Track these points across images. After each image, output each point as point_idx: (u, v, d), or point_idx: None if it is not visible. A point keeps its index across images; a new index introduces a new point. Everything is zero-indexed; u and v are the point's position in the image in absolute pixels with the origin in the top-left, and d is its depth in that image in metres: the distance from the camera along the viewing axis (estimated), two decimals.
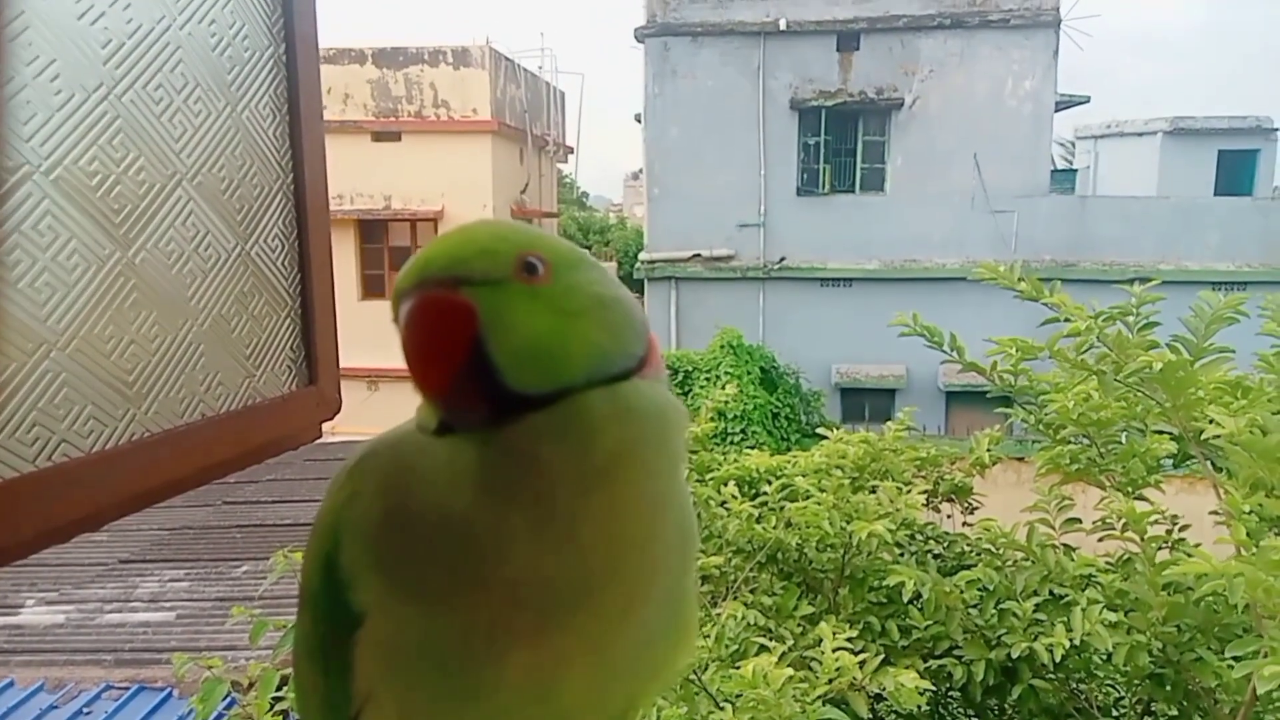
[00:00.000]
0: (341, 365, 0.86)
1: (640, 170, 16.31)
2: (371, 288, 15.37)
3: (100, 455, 0.60)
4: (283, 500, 7.45)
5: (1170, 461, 2.88)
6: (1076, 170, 18.90)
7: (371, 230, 15.47)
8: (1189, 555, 2.67)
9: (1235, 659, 2.14)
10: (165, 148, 0.65)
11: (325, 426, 0.85)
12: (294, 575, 2.73)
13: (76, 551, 6.51)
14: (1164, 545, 2.74)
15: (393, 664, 0.47)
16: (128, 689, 4.49)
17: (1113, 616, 2.43)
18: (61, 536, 0.61)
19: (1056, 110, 14.31)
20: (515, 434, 0.43)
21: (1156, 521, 2.75)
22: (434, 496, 0.45)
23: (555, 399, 0.43)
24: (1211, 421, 2.29)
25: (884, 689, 2.37)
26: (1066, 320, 2.62)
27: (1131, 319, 2.61)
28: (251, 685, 2.73)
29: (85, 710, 4.34)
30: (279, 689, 2.62)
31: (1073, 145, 20.81)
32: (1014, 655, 2.56)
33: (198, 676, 3.02)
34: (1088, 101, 16.14)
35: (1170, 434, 2.72)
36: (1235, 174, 15.24)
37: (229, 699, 2.94)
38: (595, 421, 0.43)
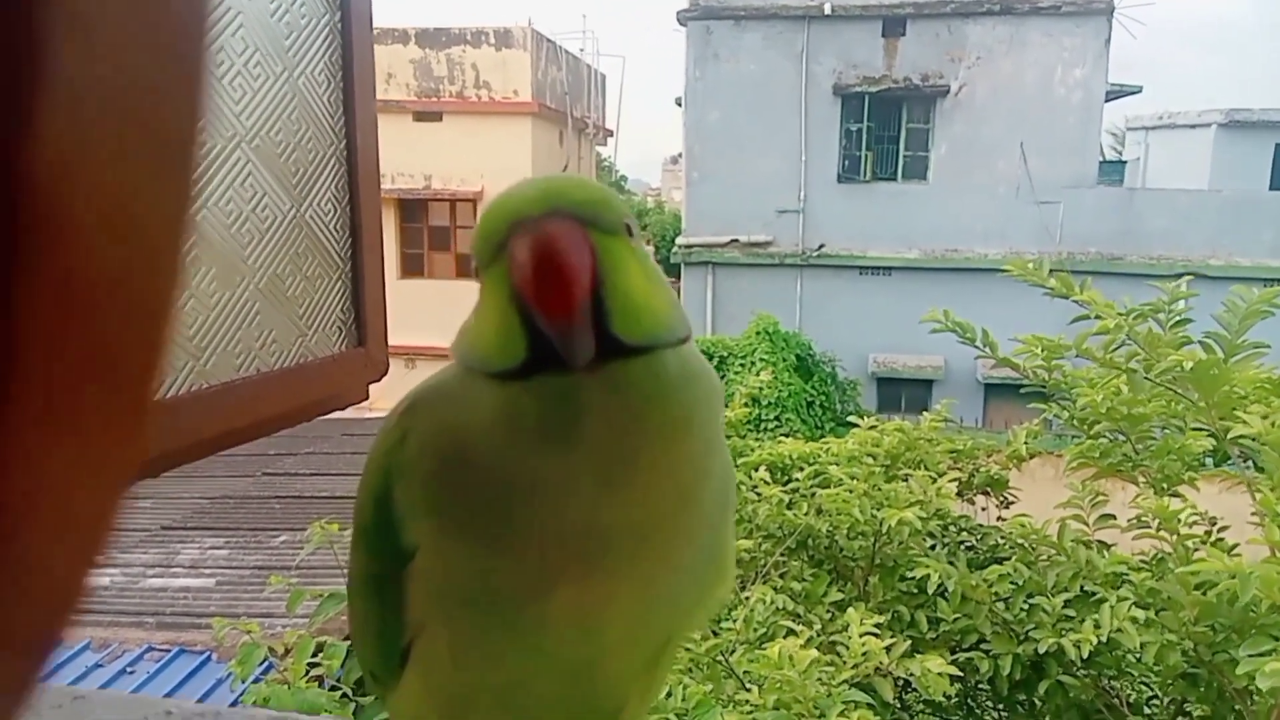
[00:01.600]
0: (388, 347, 0.88)
1: (679, 154, 16.25)
2: (411, 267, 15.53)
3: (162, 403, 0.62)
4: (320, 473, 7.58)
5: (1211, 460, 2.83)
6: (1126, 162, 18.49)
7: (412, 210, 15.60)
8: (1228, 554, 2.63)
9: (1248, 656, 2.12)
10: (226, 110, 0.67)
11: (364, 404, 0.87)
12: (330, 546, 2.80)
13: (120, 517, 6.69)
14: (1202, 544, 2.70)
15: (443, 598, 0.49)
16: (169, 651, 4.61)
17: (1141, 614, 2.40)
18: None
19: (1107, 100, 14.00)
20: (590, 383, 0.44)
21: (1195, 521, 2.71)
22: (491, 440, 0.45)
23: (625, 355, 0.44)
24: (1241, 422, 2.25)
25: (911, 675, 2.36)
26: (1097, 318, 2.59)
27: (1163, 316, 2.57)
28: (288, 651, 2.79)
29: (128, 670, 4.47)
30: (315, 655, 2.68)
31: (1123, 136, 20.37)
32: (1041, 651, 2.55)
33: (236, 641, 3.10)
34: (1139, 92, 15.77)
35: (1209, 431, 2.68)
36: None
37: (266, 663, 3.02)
38: (671, 379, 0.46)
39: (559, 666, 0.49)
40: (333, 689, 2.63)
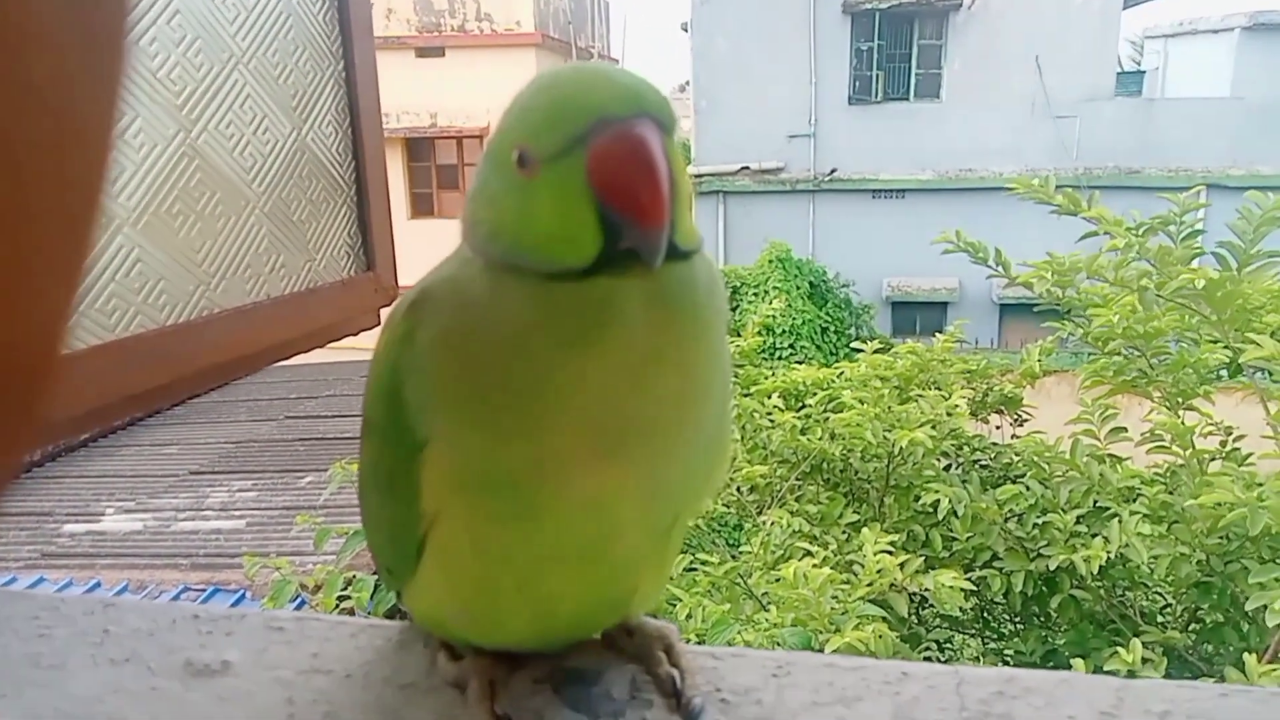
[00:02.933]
0: (398, 272, 0.88)
1: (687, 82, 15.92)
2: (420, 207, 15.43)
3: (174, 328, 0.63)
4: (341, 415, 7.68)
5: (1225, 372, 2.82)
6: (1145, 72, 17.95)
7: (419, 149, 15.44)
8: (1241, 465, 2.64)
9: (1258, 586, 2.14)
10: (220, 30, 0.66)
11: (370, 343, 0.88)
12: (352, 486, 2.85)
13: (149, 464, 6.83)
14: (1217, 456, 2.71)
15: (460, 486, 0.50)
16: (204, 589, 4.75)
17: (1148, 529, 2.42)
18: (143, 404, 0.65)
19: (1125, 8, 13.55)
20: (637, 285, 0.44)
21: (1211, 433, 2.71)
22: (519, 337, 0.45)
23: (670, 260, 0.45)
24: (1252, 343, 2.23)
25: (925, 590, 2.41)
26: (1107, 234, 2.55)
27: (1174, 229, 2.52)
28: (319, 587, 2.88)
29: None
30: (344, 589, 2.76)
31: (1141, 45, 19.75)
32: (1053, 567, 2.58)
33: (267, 579, 3.19)
34: None
35: (1225, 343, 2.66)
36: None
37: (298, 599, 3.11)
38: (702, 283, 0.47)
39: (575, 548, 0.51)
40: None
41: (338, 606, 2.76)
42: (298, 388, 8.41)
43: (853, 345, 4.30)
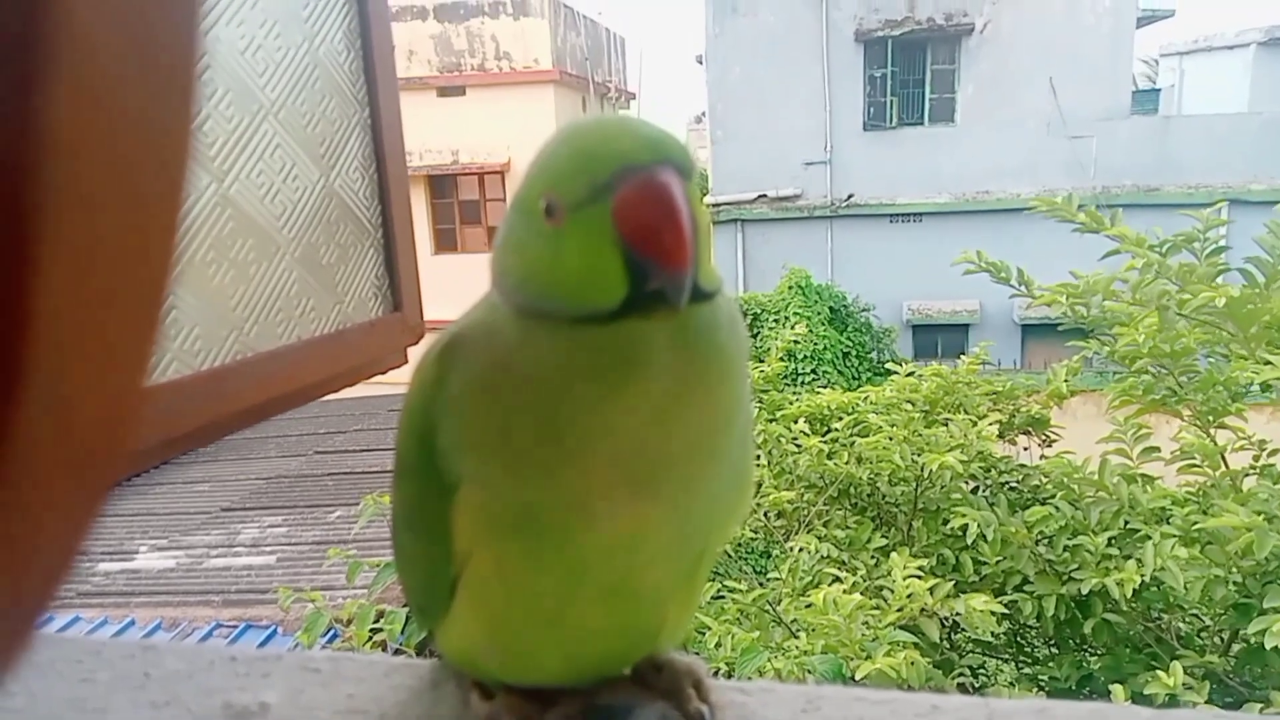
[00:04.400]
0: (424, 311, 0.90)
1: (703, 113, 16.07)
2: (444, 242, 15.61)
3: (209, 373, 0.65)
4: (370, 449, 7.73)
5: (1257, 387, 2.78)
6: (1160, 90, 17.90)
7: (441, 185, 15.65)
8: (1275, 484, 2.59)
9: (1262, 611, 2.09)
10: (250, 83, 0.69)
11: (407, 375, 0.90)
12: (384, 519, 2.87)
13: (181, 501, 6.91)
14: (1250, 472, 2.66)
15: (491, 526, 0.51)
16: (236, 627, 4.78)
17: (1184, 552, 2.38)
18: (179, 448, 0.66)
19: (1138, 26, 13.55)
20: (663, 327, 0.46)
21: (1243, 448, 2.67)
22: (550, 380, 0.47)
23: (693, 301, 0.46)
24: (1269, 364, 2.20)
25: (956, 615, 2.38)
26: (1129, 252, 2.53)
27: (1198, 245, 2.51)
28: (350, 620, 2.89)
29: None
30: (376, 622, 2.77)
31: (1156, 63, 19.70)
32: (1085, 591, 2.54)
33: (300, 615, 3.21)
34: (1172, 16, 15.24)
35: (1253, 358, 2.62)
36: None
37: (330, 632, 3.12)
38: (724, 323, 0.49)
39: (606, 584, 0.52)
40: (396, 653, 2.72)
41: (370, 639, 2.77)
42: (326, 423, 8.49)
43: (887, 366, 4.28)
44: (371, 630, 2.79)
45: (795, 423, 3.48)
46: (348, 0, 0.80)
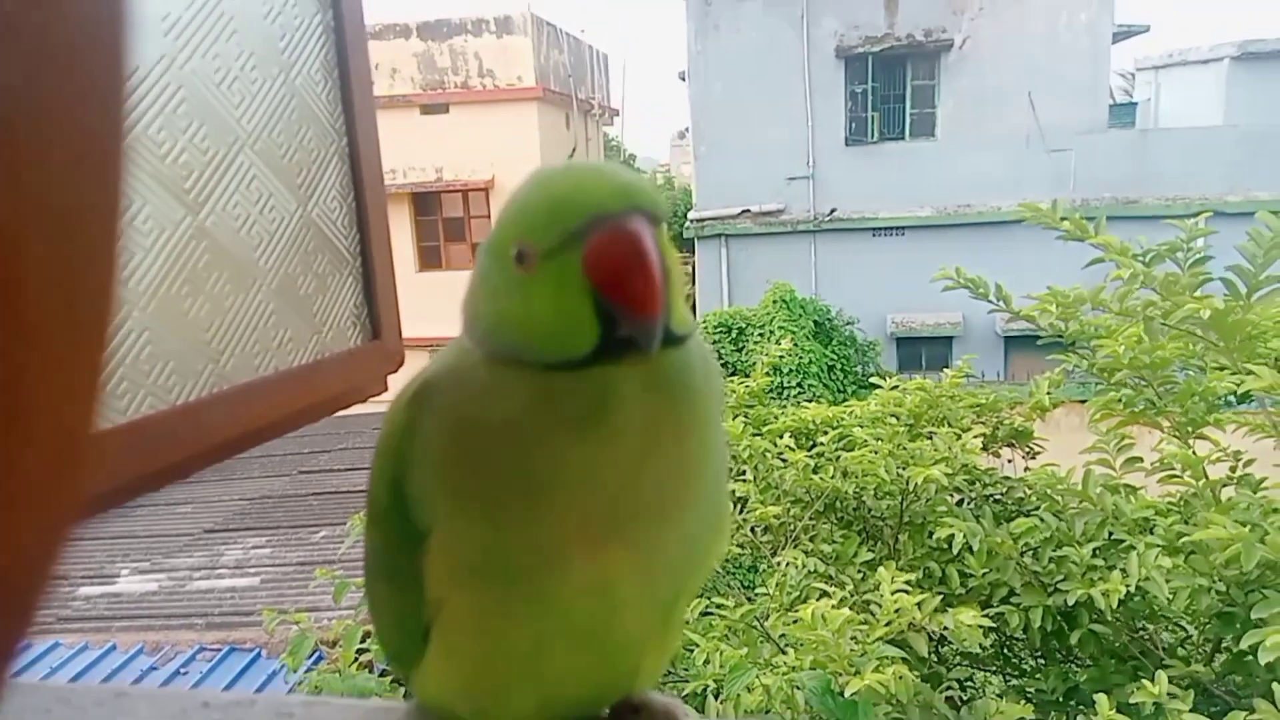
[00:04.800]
0: (403, 338, 0.89)
1: (686, 129, 16.15)
2: (428, 260, 15.59)
3: (184, 407, 0.64)
4: (354, 468, 7.70)
5: (1234, 398, 2.80)
6: (1137, 103, 18.14)
7: (425, 203, 15.65)
8: (1254, 493, 2.61)
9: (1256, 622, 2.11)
10: (225, 115, 0.69)
11: (389, 398, 0.89)
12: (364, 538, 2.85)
13: (163, 523, 6.84)
14: (1229, 482, 2.69)
15: (464, 574, 0.51)
16: (220, 650, 4.73)
17: (1168, 562, 2.39)
18: (155, 484, 0.66)
19: (1114, 41, 13.73)
20: (634, 373, 0.46)
21: (1219, 459, 2.69)
22: (521, 426, 0.47)
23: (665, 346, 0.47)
24: (1250, 374, 2.22)
25: (944, 629, 2.38)
26: (1113, 261, 2.55)
27: (1181, 255, 2.53)
28: (336, 642, 2.86)
29: (182, 670, 4.59)
30: (362, 642, 2.75)
31: (1132, 77, 19.97)
32: (1071, 602, 2.55)
33: (285, 637, 3.17)
34: (1147, 30, 15.46)
35: (1233, 369, 2.65)
36: None
37: (316, 654, 3.08)
38: (697, 367, 0.49)
39: (580, 630, 0.51)
40: (382, 674, 2.70)
41: (356, 660, 2.74)
42: (310, 442, 8.44)
43: (871, 380, 4.30)
44: (358, 651, 2.77)
45: (781, 437, 3.49)
46: (325, 29, 0.80)
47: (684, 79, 14.33)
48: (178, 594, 5.59)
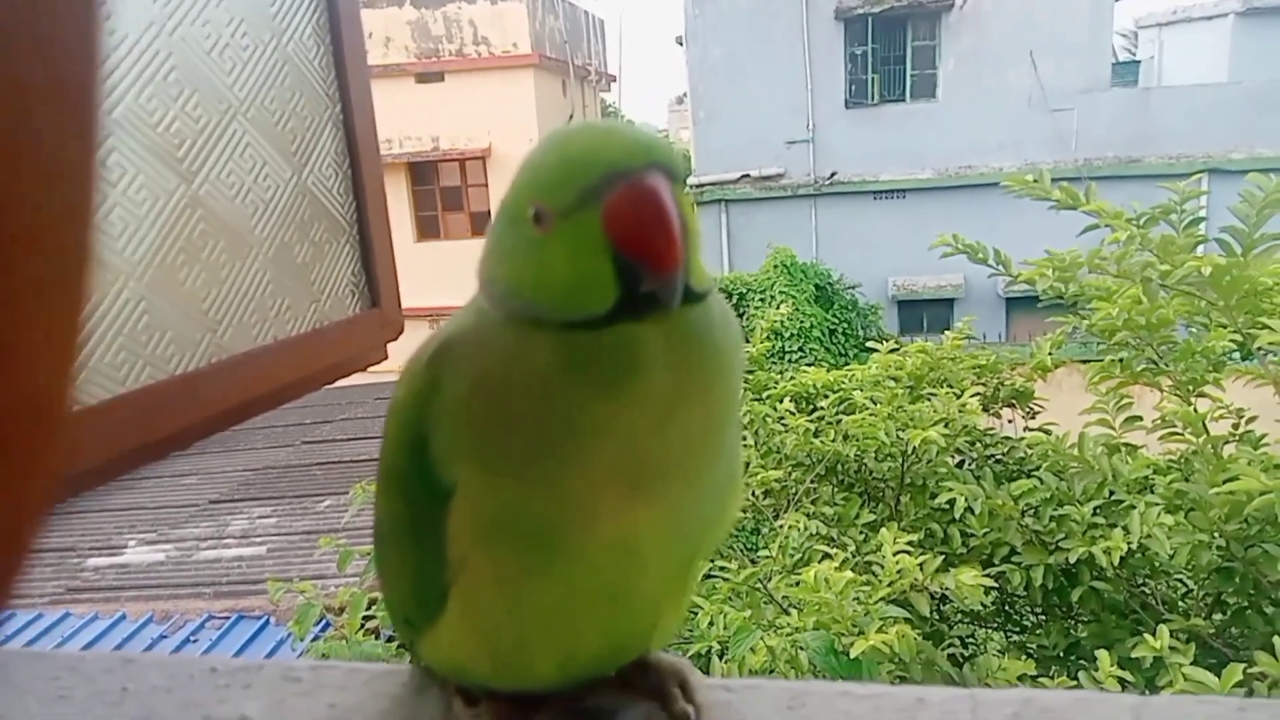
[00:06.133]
0: (402, 306, 0.89)
1: (684, 94, 15.99)
2: (426, 229, 15.52)
3: (183, 377, 0.65)
4: (357, 437, 7.73)
5: (1236, 355, 2.80)
6: (1140, 61, 17.94)
7: (422, 173, 15.55)
8: (1256, 448, 2.62)
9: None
10: (217, 82, 0.68)
11: (390, 366, 0.89)
12: (374, 506, 2.87)
13: (169, 494, 6.90)
14: (1230, 440, 2.69)
15: (489, 533, 0.51)
16: (228, 618, 4.78)
17: (1170, 520, 2.41)
18: (156, 454, 0.66)
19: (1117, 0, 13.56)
20: (657, 330, 0.46)
21: (1221, 416, 2.69)
22: (546, 385, 0.47)
23: (686, 303, 0.47)
24: (1265, 328, 2.22)
25: (946, 589, 2.40)
26: (1108, 226, 2.54)
27: (1175, 217, 2.51)
28: (343, 609, 2.89)
29: (192, 638, 4.65)
30: (368, 609, 2.77)
31: (1135, 35, 19.73)
32: (1072, 560, 2.57)
33: (292, 604, 3.21)
34: None
35: (1233, 328, 2.65)
36: None
37: (323, 622, 3.12)
38: (718, 323, 0.49)
39: (603, 588, 0.52)
40: (389, 640, 2.73)
41: (362, 627, 2.77)
42: (313, 413, 8.47)
43: (868, 345, 4.30)
44: (364, 618, 2.80)
45: (781, 402, 3.50)
46: None
47: (681, 43, 14.17)
48: (185, 564, 5.65)
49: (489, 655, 0.57)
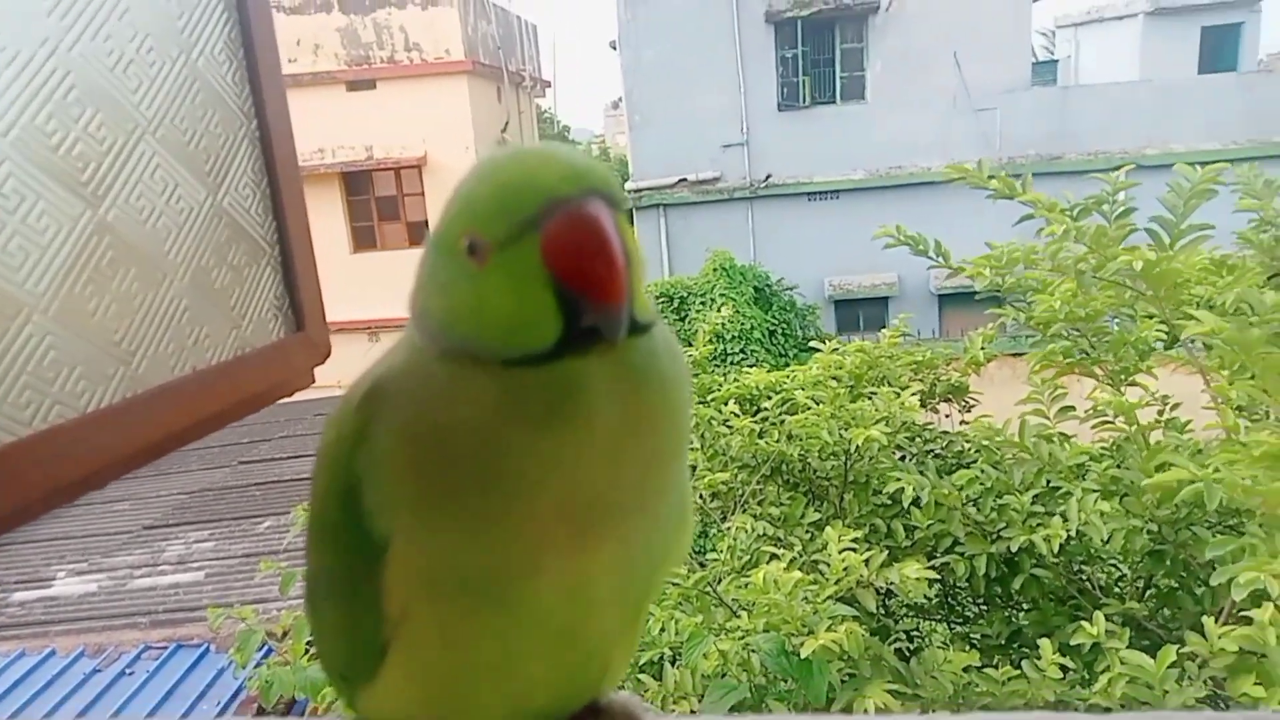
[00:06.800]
0: (340, 318, 0.86)
1: (620, 99, 16.02)
2: (362, 240, 15.25)
3: (95, 415, 0.61)
4: (297, 455, 7.56)
5: (1163, 344, 2.90)
6: (1058, 61, 18.55)
7: (356, 182, 15.28)
8: (1181, 432, 2.72)
9: (1213, 564, 2.19)
10: (122, 100, 0.65)
11: (329, 380, 0.86)
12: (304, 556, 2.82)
13: (100, 521, 6.65)
14: (1157, 427, 2.79)
15: (430, 585, 0.48)
16: (166, 648, 4.63)
17: (1107, 506, 2.48)
18: (68, 496, 0.62)
19: (1035, 0, 13.99)
20: (601, 363, 0.44)
21: (1148, 404, 2.79)
22: (487, 426, 0.44)
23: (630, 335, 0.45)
24: (1192, 319, 2.29)
25: (891, 584, 2.44)
26: (1043, 217, 2.61)
27: (1107, 208, 2.60)
28: (286, 633, 2.81)
29: (128, 671, 4.48)
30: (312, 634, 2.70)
31: (1053, 35, 20.39)
32: (1014, 548, 2.63)
33: (233, 630, 3.11)
34: None
35: (1161, 318, 2.74)
36: (1219, 50, 14.97)
37: (265, 648, 3.03)
38: (663, 354, 0.47)
39: (552, 635, 0.50)
40: None
41: (307, 652, 2.70)
42: (249, 432, 8.25)
43: (810, 345, 4.35)
44: (308, 643, 2.73)
45: (726, 404, 3.51)
46: (226, 7, 0.76)
47: (615, 48, 14.19)
48: (119, 593, 5.44)
49: (433, 709, 0.54)
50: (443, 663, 0.51)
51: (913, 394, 3.17)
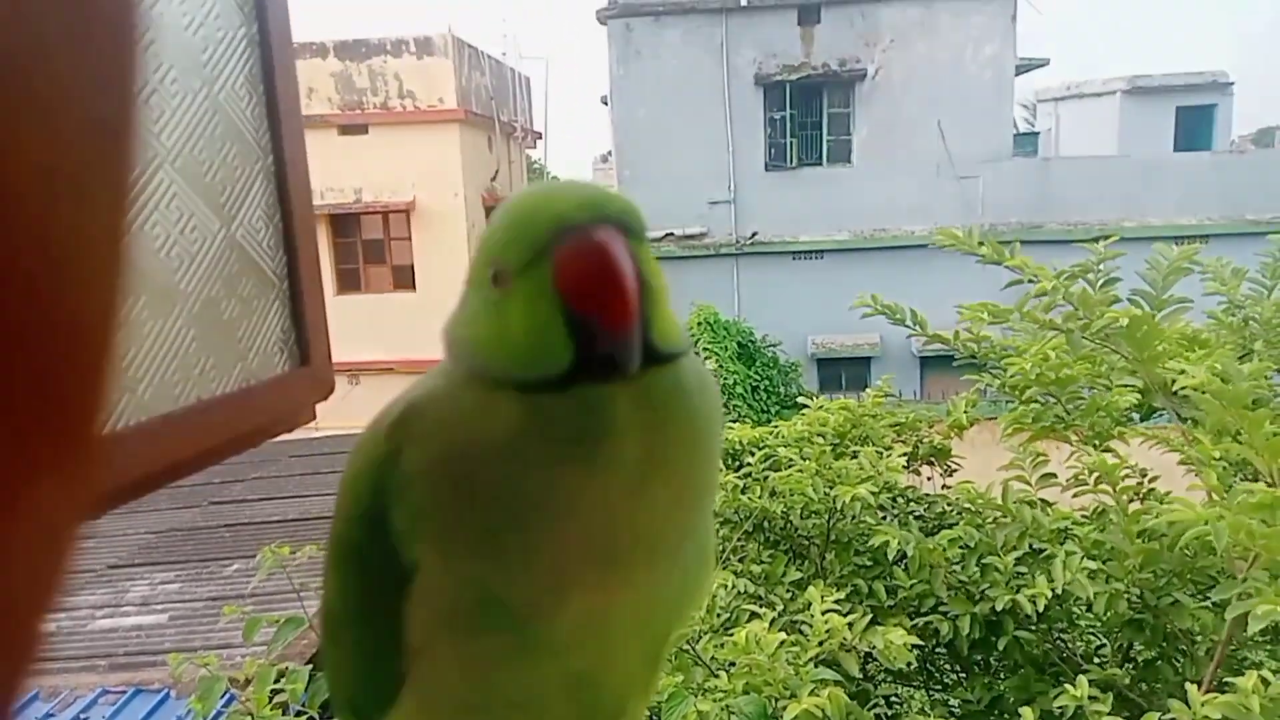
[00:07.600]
0: (333, 364, 0.85)
1: (609, 152, 16.26)
2: (347, 282, 15.24)
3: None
4: (269, 497, 7.43)
5: (1137, 415, 2.94)
6: (1039, 133, 19.07)
7: (344, 225, 15.33)
8: (1162, 504, 2.73)
9: (1216, 604, 2.19)
10: (145, 130, 0.65)
11: (310, 424, 0.85)
12: (283, 570, 2.74)
13: (73, 560, 6.47)
14: (1135, 497, 2.80)
15: (453, 616, 0.47)
16: (124, 692, 4.48)
17: (1092, 565, 2.48)
18: None
19: (1017, 74, 14.42)
20: (623, 393, 0.44)
21: (1126, 475, 2.81)
22: (513, 453, 0.44)
23: (653, 364, 0.45)
24: (1182, 373, 2.33)
25: (874, 648, 2.41)
26: (1031, 281, 2.66)
27: (1092, 276, 2.66)
28: (249, 681, 2.73)
29: (82, 716, 4.33)
30: (276, 682, 2.62)
31: (1034, 108, 20.97)
32: (998, 608, 2.62)
33: (194, 676, 3.02)
34: (1047, 64, 16.28)
35: (1134, 387, 2.78)
36: (1193, 130, 15.45)
37: (227, 696, 2.94)
38: (692, 387, 0.47)
39: (572, 673, 0.49)
40: (298, 714, 2.59)
41: (271, 701, 2.62)
42: (222, 471, 8.10)
43: (797, 400, 4.36)
44: (272, 691, 2.65)
45: None
46: (249, 43, 0.77)
47: (606, 103, 14.44)
48: (78, 634, 5.28)
49: None
50: (460, 697, 0.50)
51: (899, 455, 3.18)
